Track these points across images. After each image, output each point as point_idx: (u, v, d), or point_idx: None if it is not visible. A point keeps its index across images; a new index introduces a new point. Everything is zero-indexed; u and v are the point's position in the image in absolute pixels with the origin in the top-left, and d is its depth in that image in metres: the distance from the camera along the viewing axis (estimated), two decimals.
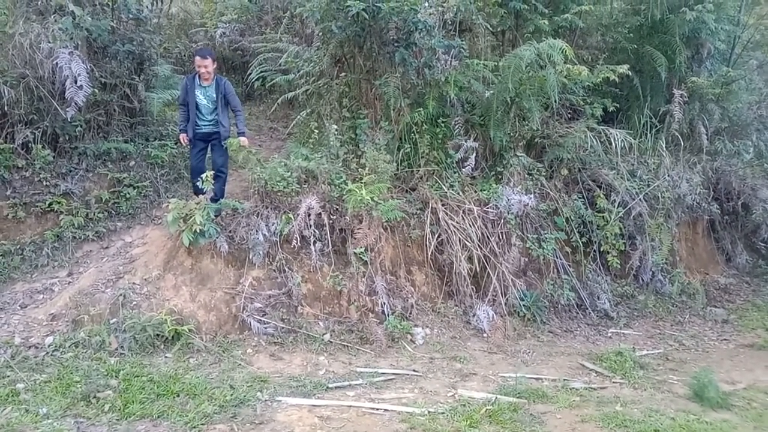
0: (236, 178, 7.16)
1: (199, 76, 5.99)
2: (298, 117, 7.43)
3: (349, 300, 5.97)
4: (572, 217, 6.97)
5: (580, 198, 7.17)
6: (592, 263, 7.06)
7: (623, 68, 6.83)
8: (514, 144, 7.01)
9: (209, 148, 6.22)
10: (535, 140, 7.28)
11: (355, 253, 6.04)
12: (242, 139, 6.11)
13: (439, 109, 6.77)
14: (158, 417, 4.06)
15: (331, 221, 6.12)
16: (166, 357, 4.92)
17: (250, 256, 5.76)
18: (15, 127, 6.17)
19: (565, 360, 5.79)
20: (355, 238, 6.14)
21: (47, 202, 6.08)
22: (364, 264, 6.06)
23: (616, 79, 6.92)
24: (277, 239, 5.90)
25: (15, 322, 5.08)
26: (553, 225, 6.88)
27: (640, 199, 7.27)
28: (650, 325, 6.96)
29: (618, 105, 7.73)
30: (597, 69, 6.94)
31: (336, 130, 6.60)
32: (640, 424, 4.26)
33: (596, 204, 7.17)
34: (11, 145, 6.11)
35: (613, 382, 5.33)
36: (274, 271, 5.84)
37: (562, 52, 6.22)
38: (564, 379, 5.23)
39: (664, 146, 7.84)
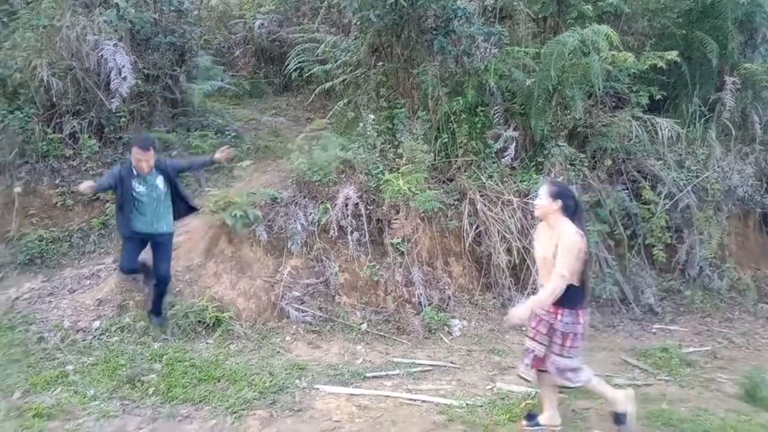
0: (274, 168, 7.22)
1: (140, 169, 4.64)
2: (336, 107, 7.44)
3: (385, 290, 5.95)
4: (616, 209, 6.75)
5: (624, 189, 6.94)
6: (636, 257, 6.83)
7: (672, 55, 6.56)
8: (555, 133, 6.83)
9: (150, 246, 4.89)
10: (578, 129, 7.07)
11: (392, 243, 6.02)
12: (221, 153, 5.08)
13: (478, 98, 6.65)
14: (200, 401, 4.14)
15: (368, 211, 6.11)
16: (207, 343, 5.01)
17: (289, 245, 5.81)
18: (63, 118, 6.38)
19: (607, 355, 5.63)
20: (391, 229, 6.11)
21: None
22: (400, 254, 6.03)
23: (664, 66, 6.65)
24: (315, 229, 5.93)
25: (64, 306, 5.26)
26: (595, 217, 6.68)
27: (688, 191, 6.99)
28: (697, 321, 6.70)
29: (665, 93, 7.43)
30: (643, 56, 6.70)
31: (373, 119, 6.58)
32: (688, 424, 4.11)
33: (641, 195, 6.92)
34: (60, 135, 6.32)
35: (659, 380, 5.15)
36: (312, 260, 5.87)
37: (607, 38, 6.01)
38: (606, 375, 5.07)
39: (714, 136, 7.50)
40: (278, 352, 5.04)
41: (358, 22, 7.05)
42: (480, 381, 4.87)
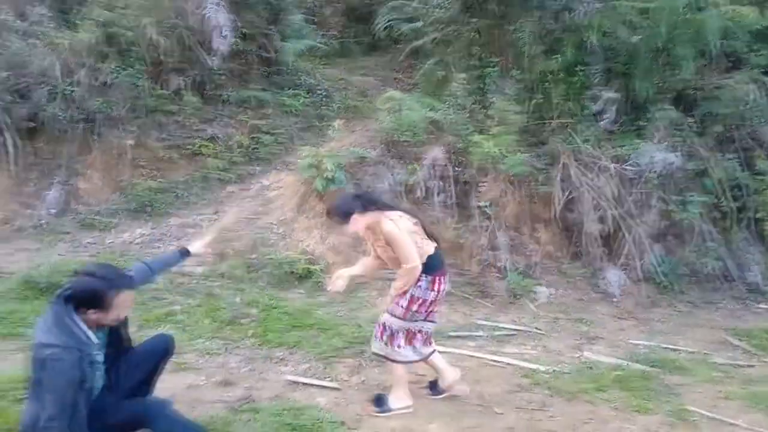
0: (362, 127, 7.30)
1: (95, 327, 2.51)
2: (425, 66, 7.33)
3: (470, 253, 5.92)
4: (724, 179, 6.25)
5: (735, 158, 6.39)
6: (743, 231, 6.32)
7: None
8: (661, 96, 6.36)
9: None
10: (686, 92, 6.55)
11: (478, 206, 5.95)
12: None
13: (577, 57, 6.30)
14: (293, 346, 4.37)
15: (455, 173, 6.06)
16: (299, 293, 5.26)
17: None
18: (168, 75, 6.75)
19: (705, 333, 5.33)
20: (479, 192, 6.04)
21: (196, 146, 6.65)
22: (487, 218, 5.95)
23: None
24: (402, 189, 5.97)
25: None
26: (700, 187, 6.24)
27: None
28: None
29: None
30: None
31: (463, 79, 6.44)
32: None
33: (754, 165, 6.36)
34: (165, 92, 6.70)
35: (762, 361, 4.82)
36: None
37: None
38: (704, 353, 4.83)
39: None
40: (365, 305, 5.20)
41: None
42: (566, 349, 4.78)
